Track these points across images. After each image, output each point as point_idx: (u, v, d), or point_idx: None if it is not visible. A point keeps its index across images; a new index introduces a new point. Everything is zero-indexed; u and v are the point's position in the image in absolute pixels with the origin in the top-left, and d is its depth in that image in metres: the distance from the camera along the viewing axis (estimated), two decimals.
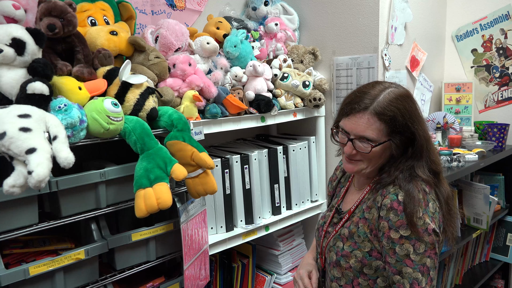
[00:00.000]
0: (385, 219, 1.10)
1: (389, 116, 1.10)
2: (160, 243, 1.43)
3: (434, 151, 1.18)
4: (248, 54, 1.82)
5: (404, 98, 1.14)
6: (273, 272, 2.09)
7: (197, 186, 1.37)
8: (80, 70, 1.24)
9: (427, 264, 1.08)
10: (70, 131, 1.12)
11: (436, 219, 1.11)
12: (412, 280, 1.07)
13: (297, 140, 2.07)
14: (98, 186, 1.26)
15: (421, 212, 1.07)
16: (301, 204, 2.05)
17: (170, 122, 1.36)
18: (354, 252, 1.16)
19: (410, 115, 1.12)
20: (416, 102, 1.16)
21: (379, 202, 1.13)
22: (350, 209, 1.23)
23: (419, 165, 1.13)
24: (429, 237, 1.07)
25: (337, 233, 1.23)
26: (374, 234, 1.13)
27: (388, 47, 1.93)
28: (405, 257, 1.08)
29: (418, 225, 1.06)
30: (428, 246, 1.08)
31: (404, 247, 1.07)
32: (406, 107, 1.12)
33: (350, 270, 1.17)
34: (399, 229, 1.08)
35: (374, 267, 1.14)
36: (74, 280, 1.26)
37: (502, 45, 2.24)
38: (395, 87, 1.16)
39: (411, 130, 1.12)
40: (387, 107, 1.10)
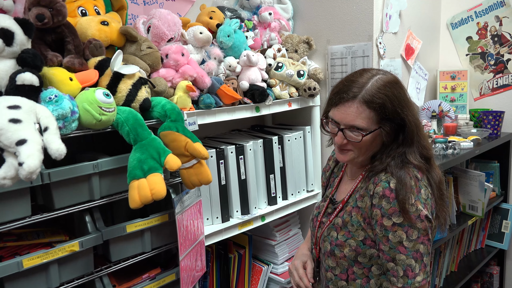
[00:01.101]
0: (378, 207, 1.10)
1: (378, 104, 1.09)
2: (155, 234, 1.43)
3: (425, 137, 1.18)
4: (242, 44, 1.81)
5: (393, 84, 1.13)
6: (269, 262, 2.10)
7: (191, 176, 1.37)
8: (70, 61, 1.23)
9: (420, 250, 1.08)
10: (62, 123, 1.11)
11: (429, 205, 1.11)
12: (406, 267, 1.08)
13: (292, 130, 2.07)
14: (92, 178, 1.25)
15: (413, 198, 1.07)
16: (297, 194, 2.05)
17: (163, 113, 1.35)
18: (348, 241, 1.16)
19: (399, 101, 1.11)
20: (404, 88, 1.16)
21: (372, 190, 1.13)
22: (344, 198, 1.23)
23: (410, 151, 1.13)
24: (422, 223, 1.07)
25: (331, 223, 1.23)
26: (367, 222, 1.13)
27: (383, 35, 1.92)
28: (398, 244, 1.08)
29: (411, 211, 1.06)
30: (421, 233, 1.08)
31: (397, 234, 1.08)
32: (395, 93, 1.11)
33: (345, 259, 1.17)
34: (392, 217, 1.08)
35: (369, 256, 1.15)
36: (69, 272, 1.25)
37: (497, 32, 2.23)
38: (383, 74, 1.15)
39: (401, 116, 1.11)
40: (375, 95, 1.09)
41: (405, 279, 1.08)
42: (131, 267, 1.41)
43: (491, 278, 2.46)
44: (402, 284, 1.08)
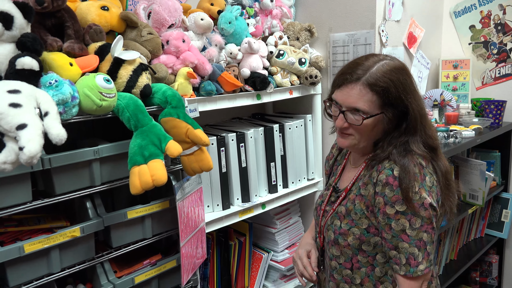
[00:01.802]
0: (381, 194, 1.09)
1: (382, 88, 1.08)
2: (156, 220, 1.43)
3: (431, 126, 1.16)
4: (243, 31, 1.79)
5: (399, 70, 1.11)
6: (270, 249, 2.11)
7: (192, 163, 1.36)
8: (70, 46, 1.22)
9: (424, 239, 1.07)
10: (62, 108, 1.10)
11: (434, 193, 1.09)
12: (408, 255, 1.07)
13: (293, 118, 2.06)
14: (92, 164, 1.24)
15: (417, 186, 1.06)
16: (297, 182, 2.05)
17: (164, 99, 1.34)
18: (352, 230, 1.15)
19: (403, 87, 1.10)
20: (411, 76, 1.14)
21: (375, 177, 1.12)
22: (347, 186, 1.22)
23: (413, 140, 1.11)
24: (426, 211, 1.06)
25: (334, 212, 1.22)
26: (370, 210, 1.12)
27: (386, 23, 1.91)
28: (401, 232, 1.07)
29: (414, 199, 1.05)
30: (425, 221, 1.07)
31: (400, 222, 1.07)
32: (400, 79, 1.10)
33: (349, 248, 1.17)
34: (395, 205, 1.07)
35: (373, 244, 1.14)
36: (70, 258, 1.26)
37: (500, 21, 2.21)
38: (390, 60, 1.14)
39: (404, 103, 1.10)
40: (380, 78, 1.08)
41: (407, 267, 1.07)
42: (132, 253, 1.41)
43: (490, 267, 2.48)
44: (405, 272, 1.08)
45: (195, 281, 1.56)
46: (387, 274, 1.16)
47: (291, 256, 2.14)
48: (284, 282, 2.14)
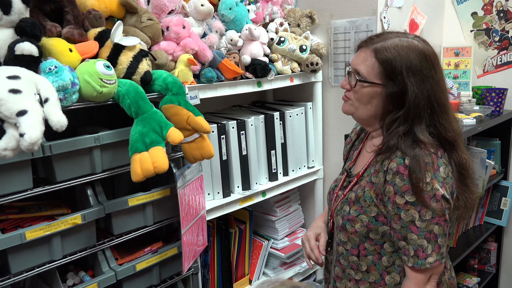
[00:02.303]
0: (391, 183, 1.06)
1: (386, 58, 1.06)
2: (157, 208, 1.43)
3: (451, 119, 1.10)
4: (244, 17, 1.77)
5: (416, 51, 1.07)
6: (270, 237, 2.11)
7: (193, 150, 1.36)
8: (70, 32, 1.20)
9: (435, 231, 1.04)
10: (62, 94, 1.09)
11: (448, 184, 1.06)
12: (417, 247, 1.05)
13: (293, 106, 2.05)
14: (93, 151, 1.24)
15: (429, 176, 1.03)
16: (297, 170, 2.05)
17: (164, 86, 1.33)
18: (360, 217, 1.13)
19: (410, 66, 1.05)
20: (431, 63, 1.08)
21: (386, 165, 1.09)
22: (359, 172, 1.20)
23: (419, 130, 1.07)
24: (437, 203, 1.03)
25: (344, 197, 1.20)
26: (380, 198, 1.10)
27: (387, 9, 1.89)
28: (410, 223, 1.04)
29: (425, 191, 1.02)
30: (436, 213, 1.04)
31: (409, 213, 1.04)
32: (411, 57, 1.06)
33: (356, 234, 1.15)
34: (405, 195, 1.04)
35: (381, 232, 1.12)
36: (72, 245, 1.26)
37: (503, 8, 2.19)
38: (417, 41, 1.09)
39: (404, 81, 1.06)
40: (388, 49, 1.06)
41: (415, 259, 1.05)
42: (133, 240, 1.42)
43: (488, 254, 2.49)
44: (412, 264, 1.06)
45: (196, 268, 1.57)
46: (394, 264, 1.14)
47: (291, 244, 2.15)
48: (284, 270, 2.15)
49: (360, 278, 1.19)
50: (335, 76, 2.05)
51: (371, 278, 1.17)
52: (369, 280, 1.17)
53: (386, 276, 1.15)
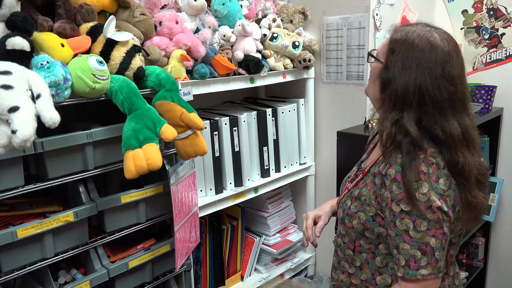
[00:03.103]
0: (388, 189, 1.04)
1: (394, 37, 1.05)
2: (150, 205, 1.42)
3: (444, 118, 1.03)
4: (237, 13, 1.76)
5: (426, 41, 1.02)
6: (261, 233, 2.12)
7: (186, 147, 1.35)
8: (62, 26, 1.18)
9: (431, 244, 1.00)
10: (54, 90, 1.07)
11: (450, 197, 1.01)
12: (409, 257, 1.01)
13: (286, 102, 2.05)
14: (85, 148, 1.22)
15: (426, 187, 0.99)
16: (289, 167, 2.05)
17: (158, 82, 1.32)
18: (358, 214, 1.13)
19: (410, 53, 1.01)
20: (441, 61, 1.02)
21: (385, 169, 1.07)
22: (365, 169, 1.19)
23: (406, 118, 1.02)
24: (433, 215, 0.99)
25: (349, 192, 1.20)
26: (377, 201, 1.09)
27: (380, 6, 1.89)
28: (404, 232, 1.02)
29: (421, 201, 0.99)
30: (432, 225, 0.99)
31: (404, 222, 1.01)
32: (417, 45, 1.01)
33: (352, 230, 1.15)
34: (400, 203, 1.01)
35: (377, 233, 1.10)
36: (64, 243, 1.24)
37: (492, 6, 2.21)
38: (437, 34, 1.04)
39: (397, 62, 1.02)
40: (401, 32, 1.04)
41: (406, 269, 1.02)
42: (125, 237, 1.41)
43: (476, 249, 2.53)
44: (402, 273, 1.03)
45: (189, 265, 1.57)
46: (387, 266, 1.13)
47: (282, 240, 2.15)
48: (275, 266, 2.16)
49: (353, 272, 1.20)
50: (327, 72, 2.05)
51: (363, 276, 1.17)
52: (360, 277, 1.18)
53: (378, 276, 1.15)
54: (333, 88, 2.05)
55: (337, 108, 2.05)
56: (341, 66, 1.99)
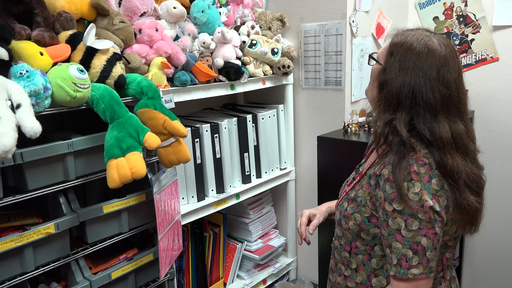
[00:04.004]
0: (382, 189, 1.06)
1: (394, 41, 1.08)
2: (132, 214, 1.40)
3: (436, 121, 1.04)
4: (216, 20, 1.77)
5: (423, 44, 1.04)
6: (243, 239, 2.12)
7: (169, 155, 1.34)
8: (40, 34, 1.16)
9: (423, 243, 1.01)
10: (34, 99, 1.05)
11: (442, 197, 1.03)
12: (400, 256, 1.03)
13: (265, 108, 2.06)
14: (66, 158, 1.20)
15: (419, 187, 1.01)
16: (270, 172, 2.06)
17: (139, 90, 1.31)
18: (354, 215, 1.14)
19: (408, 57, 1.04)
20: (436, 64, 1.04)
21: (379, 170, 1.09)
22: (362, 172, 1.21)
23: (398, 119, 1.05)
24: (425, 214, 1.00)
25: (346, 194, 1.21)
26: (372, 201, 1.10)
27: (356, 13, 1.93)
28: (396, 231, 1.03)
29: (413, 200, 1.00)
30: (424, 224, 1.01)
31: (396, 221, 1.03)
32: (414, 46, 1.04)
33: (349, 231, 1.16)
34: (393, 202, 1.03)
35: (372, 234, 1.12)
36: (44, 256, 1.21)
37: (462, 13, 2.29)
38: (436, 39, 1.06)
39: (394, 63, 1.06)
40: (401, 36, 1.08)
41: (397, 268, 1.03)
42: (107, 248, 1.38)
43: None
44: (394, 272, 1.04)
45: (172, 274, 1.55)
46: (382, 268, 1.14)
47: (264, 245, 2.16)
48: (257, 271, 2.16)
49: (348, 275, 1.21)
50: (305, 78, 2.08)
51: (358, 278, 1.18)
52: (356, 280, 1.19)
53: (373, 278, 1.16)
54: (312, 94, 2.08)
55: (316, 113, 2.08)
56: (319, 72, 2.02)
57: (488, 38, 2.21)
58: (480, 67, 2.27)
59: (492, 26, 2.18)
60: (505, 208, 2.24)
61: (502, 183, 2.21)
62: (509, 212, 2.23)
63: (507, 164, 2.20)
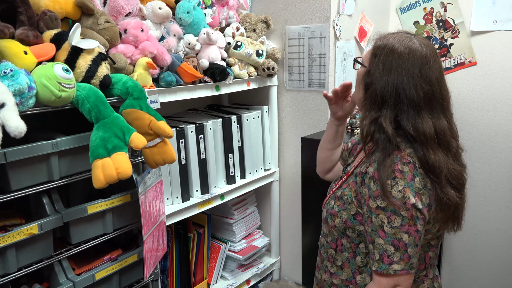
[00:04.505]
0: (367, 186, 1.09)
1: (377, 44, 1.12)
2: (117, 215, 1.40)
3: (419, 118, 1.08)
4: (201, 21, 1.77)
5: (405, 45, 1.08)
6: (227, 240, 2.12)
7: (155, 155, 1.34)
8: (24, 33, 1.15)
9: (404, 240, 1.04)
10: (18, 99, 1.04)
11: (424, 195, 1.06)
12: (382, 252, 1.05)
13: (250, 109, 2.08)
14: (50, 158, 1.19)
15: (402, 185, 1.04)
16: (254, 173, 2.08)
17: (125, 90, 1.30)
18: (340, 213, 1.17)
19: (390, 58, 1.08)
20: (418, 63, 1.07)
21: (365, 168, 1.13)
22: (349, 171, 1.24)
23: (383, 117, 1.09)
24: (407, 212, 1.03)
25: (333, 193, 1.24)
26: (358, 199, 1.13)
27: (339, 17, 1.96)
28: (379, 227, 1.06)
29: (396, 197, 1.03)
30: (406, 221, 1.03)
31: (379, 218, 1.05)
32: (396, 47, 1.08)
33: (335, 229, 1.19)
34: (376, 199, 1.06)
35: (357, 231, 1.14)
36: (28, 257, 1.20)
37: (441, 18, 2.35)
38: (417, 40, 1.10)
39: (378, 64, 1.09)
40: (384, 39, 1.11)
41: (379, 263, 1.06)
42: (90, 249, 1.37)
43: None
44: (376, 267, 1.06)
45: (156, 275, 1.55)
46: (367, 265, 1.17)
47: (248, 245, 2.17)
48: (241, 272, 2.17)
49: (334, 272, 1.23)
50: (289, 80, 2.10)
51: (344, 275, 1.21)
52: (341, 277, 1.22)
53: (358, 275, 1.19)
54: (296, 95, 2.10)
55: (300, 114, 2.10)
56: (303, 74, 2.05)
57: (466, 43, 2.28)
58: (458, 70, 2.33)
59: (470, 31, 2.25)
60: (484, 209, 2.30)
61: (480, 183, 2.28)
62: (487, 212, 2.30)
63: (484, 165, 2.26)
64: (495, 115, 2.21)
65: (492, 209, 2.28)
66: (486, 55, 2.21)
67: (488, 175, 2.26)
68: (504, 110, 2.18)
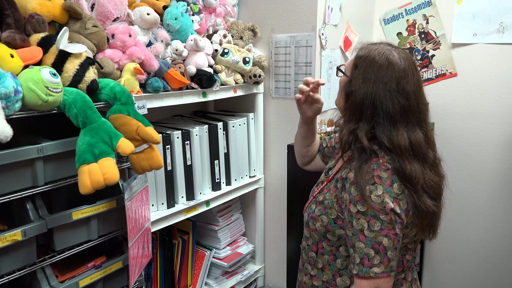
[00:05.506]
0: (348, 192, 1.12)
1: (358, 54, 1.16)
2: (102, 221, 1.38)
3: (395, 131, 1.11)
4: (189, 27, 1.78)
5: (385, 58, 1.11)
6: (212, 247, 2.12)
7: (142, 161, 1.33)
8: (11, 36, 1.13)
9: (384, 243, 1.06)
10: (4, 103, 1.02)
11: (402, 201, 1.09)
12: (363, 255, 1.07)
13: (236, 116, 2.08)
14: (35, 163, 1.17)
15: (381, 190, 1.07)
16: (240, 180, 2.08)
17: (112, 95, 1.30)
18: (321, 217, 1.20)
19: (370, 69, 1.11)
20: (396, 77, 1.10)
21: (346, 174, 1.16)
22: (330, 176, 1.27)
23: (360, 128, 1.13)
24: (386, 216, 1.06)
25: (314, 198, 1.27)
26: (338, 203, 1.16)
27: (325, 27, 1.99)
28: (359, 232, 1.08)
29: (376, 202, 1.06)
30: (385, 225, 1.06)
31: (360, 222, 1.08)
32: (376, 60, 1.11)
33: (316, 232, 1.22)
34: (357, 204, 1.08)
35: (337, 235, 1.17)
36: (9, 264, 1.17)
37: (424, 30, 2.41)
38: (396, 53, 1.13)
39: (358, 75, 1.13)
40: (365, 50, 1.15)
41: (360, 266, 1.08)
42: (75, 255, 1.35)
43: None
44: (357, 271, 1.09)
45: (141, 282, 1.53)
46: (347, 268, 1.19)
47: (233, 252, 2.17)
48: (226, 279, 2.16)
49: (315, 274, 1.26)
50: (276, 88, 2.11)
51: (324, 277, 1.24)
52: (322, 279, 1.24)
53: (338, 278, 1.21)
54: (282, 103, 2.12)
55: (286, 122, 2.12)
56: (289, 82, 2.07)
57: (447, 54, 2.34)
58: (440, 81, 2.39)
59: (451, 44, 2.31)
60: (463, 216, 2.35)
61: (460, 192, 2.33)
62: (466, 219, 2.35)
63: (464, 173, 2.32)
64: (475, 124, 2.28)
65: (472, 217, 2.34)
66: (466, 67, 2.27)
67: (468, 184, 2.32)
68: (483, 120, 2.25)
